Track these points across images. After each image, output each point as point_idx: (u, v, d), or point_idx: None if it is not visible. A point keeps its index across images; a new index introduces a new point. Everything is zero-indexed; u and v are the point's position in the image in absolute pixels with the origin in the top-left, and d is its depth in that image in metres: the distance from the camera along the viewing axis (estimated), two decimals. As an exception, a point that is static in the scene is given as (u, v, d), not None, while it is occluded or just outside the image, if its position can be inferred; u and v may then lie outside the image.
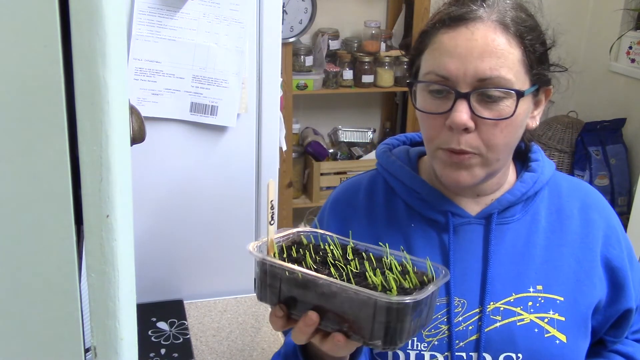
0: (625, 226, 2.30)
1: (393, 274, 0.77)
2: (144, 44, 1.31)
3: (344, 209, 1.04)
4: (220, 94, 1.38)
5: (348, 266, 0.78)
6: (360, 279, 0.76)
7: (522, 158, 1.03)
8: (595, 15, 3.23)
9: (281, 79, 1.49)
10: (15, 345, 0.49)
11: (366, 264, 0.80)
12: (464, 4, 0.89)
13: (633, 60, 3.02)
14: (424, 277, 0.79)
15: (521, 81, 0.88)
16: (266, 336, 1.48)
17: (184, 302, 1.50)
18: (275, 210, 0.81)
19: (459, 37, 0.86)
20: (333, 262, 0.79)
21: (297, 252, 0.82)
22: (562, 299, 0.94)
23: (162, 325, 1.40)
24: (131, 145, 0.50)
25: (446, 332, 0.92)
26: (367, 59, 2.93)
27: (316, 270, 0.77)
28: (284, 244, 0.85)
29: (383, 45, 3.00)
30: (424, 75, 0.90)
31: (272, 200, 0.80)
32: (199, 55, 1.34)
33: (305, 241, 0.86)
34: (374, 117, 3.31)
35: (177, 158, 1.42)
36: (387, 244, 0.84)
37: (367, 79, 2.95)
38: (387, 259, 0.81)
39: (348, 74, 2.94)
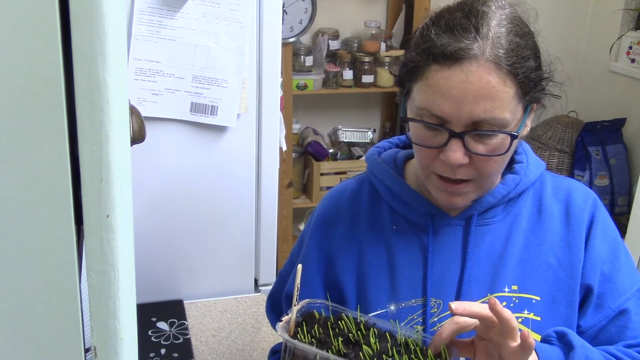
0: (625, 226, 2.31)
1: (412, 353, 0.82)
2: (144, 44, 1.31)
3: (329, 213, 1.06)
4: (220, 94, 1.38)
5: (368, 347, 0.82)
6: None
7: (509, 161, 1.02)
8: (595, 15, 3.23)
9: (281, 79, 1.49)
10: (16, 345, 0.49)
11: (388, 345, 0.84)
12: (454, 35, 0.85)
13: (633, 60, 3.02)
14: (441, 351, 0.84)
15: (515, 112, 0.88)
16: (266, 336, 1.48)
17: (184, 302, 1.50)
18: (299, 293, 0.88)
19: (453, 78, 0.84)
20: (355, 340, 0.84)
21: (318, 330, 0.86)
22: (538, 298, 0.94)
23: (162, 325, 1.40)
24: (131, 145, 0.50)
25: (421, 332, 0.93)
26: (367, 59, 2.93)
27: (345, 355, 0.81)
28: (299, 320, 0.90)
29: (383, 45, 3.00)
30: (418, 110, 0.89)
31: (298, 284, 0.86)
32: (199, 55, 1.34)
33: (317, 314, 0.90)
34: (374, 117, 3.31)
35: (177, 158, 1.42)
36: (397, 321, 0.91)
37: (367, 79, 2.95)
38: (399, 335, 0.87)
39: (348, 74, 2.94)
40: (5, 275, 0.47)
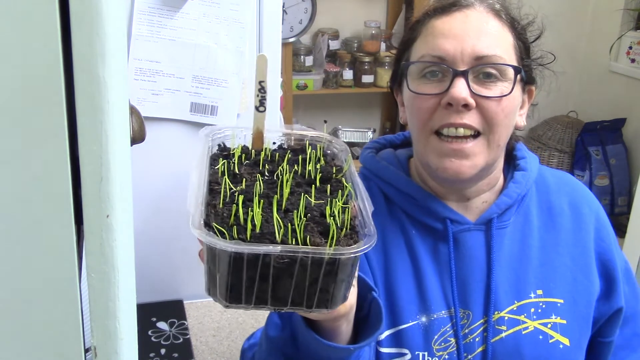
0: (625, 226, 2.31)
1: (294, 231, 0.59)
2: (144, 44, 1.31)
3: None
4: (220, 94, 1.38)
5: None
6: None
7: (507, 159, 1.00)
8: (595, 15, 3.23)
9: (281, 79, 1.49)
10: (16, 345, 0.49)
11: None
12: None
13: (633, 60, 3.02)
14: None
15: (515, 63, 0.89)
16: (266, 336, 1.48)
17: (184, 302, 1.50)
18: (268, 96, 0.60)
19: (454, 20, 0.88)
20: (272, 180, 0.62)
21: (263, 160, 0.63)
22: (562, 301, 0.93)
23: (162, 325, 1.39)
24: (131, 145, 0.50)
25: (455, 345, 0.90)
26: (367, 59, 2.93)
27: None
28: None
29: (383, 45, 3.00)
30: (418, 59, 0.89)
31: (261, 82, 0.61)
32: (199, 55, 1.34)
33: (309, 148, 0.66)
34: (374, 117, 3.31)
35: (177, 158, 1.42)
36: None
37: (367, 79, 2.95)
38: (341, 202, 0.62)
39: (348, 74, 2.95)
40: (5, 275, 0.47)
